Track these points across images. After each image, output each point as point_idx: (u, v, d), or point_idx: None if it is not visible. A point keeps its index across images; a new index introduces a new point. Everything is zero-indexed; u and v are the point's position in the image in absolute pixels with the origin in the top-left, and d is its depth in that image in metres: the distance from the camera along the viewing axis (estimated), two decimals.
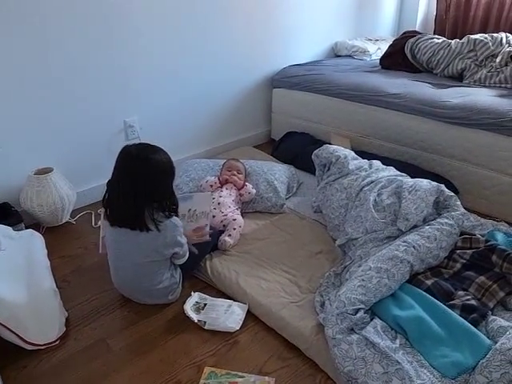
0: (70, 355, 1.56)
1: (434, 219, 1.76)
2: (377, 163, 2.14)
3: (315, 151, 2.22)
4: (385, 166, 2.12)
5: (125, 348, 1.59)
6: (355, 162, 2.12)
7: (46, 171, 2.19)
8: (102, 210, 1.75)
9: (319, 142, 2.85)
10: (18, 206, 2.18)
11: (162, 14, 2.44)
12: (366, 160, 2.17)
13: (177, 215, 1.72)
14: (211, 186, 2.29)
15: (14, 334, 1.49)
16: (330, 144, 2.77)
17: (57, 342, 1.59)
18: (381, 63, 3.16)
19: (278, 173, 2.46)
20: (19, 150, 2.18)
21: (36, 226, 2.24)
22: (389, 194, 1.88)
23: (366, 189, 1.95)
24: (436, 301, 1.50)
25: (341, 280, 1.74)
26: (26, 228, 2.14)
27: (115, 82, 2.39)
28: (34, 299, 1.62)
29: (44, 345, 1.56)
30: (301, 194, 2.50)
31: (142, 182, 1.56)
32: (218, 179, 2.30)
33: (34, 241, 2.03)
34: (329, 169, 2.17)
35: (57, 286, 1.79)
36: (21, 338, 1.51)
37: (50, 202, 2.14)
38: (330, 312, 1.50)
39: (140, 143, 1.66)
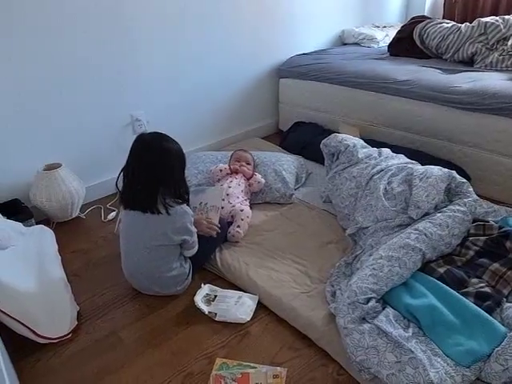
0: (82, 348, 1.57)
1: (446, 206, 1.73)
2: (386, 151, 2.11)
3: (323, 140, 2.19)
4: (395, 154, 2.09)
5: (136, 340, 1.59)
6: (364, 150, 2.09)
7: (54, 167, 2.19)
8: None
9: (327, 132, 2.82)
10: (28, 202, 2.19)
11: (165, 7, 2.42)
12: (375, 148, 2.14)
13: (188, 203, 1.74)
14: (221, 170, 2.28)
15: (27, 327, 1.50)
16: (338, 133, 2.75)
17: (69, 336, 1.60)
18: (389, 50, 3.11)
19: (287, 163, 2.44)
20: (28, 146, 2.19)
21: (46, 221, 2.25)
22: (399, 181, 1.85)
23: (375, 177, 1.92)
24: (449, 289, 1.47)
25: (352, 269, 1.72)
26: (37, 224, 2.15)
27: (121, 76, 2.39)
28: (46, 293, 1.63)
29: (56, 338, 1.57)
30: (310, 184, 2.48)
31: (154, 168, 1.61)
32: (229, 166, 2.29)
33: (45, 236, 2.04)
34: (338, 158, 2.14)
35: (68, 280, 1.80)
36: (33, 332, 1.52)
37: (60, 197, 2.15)
38: (341, 301, 1.48)
39: (154, 132, 1.72)
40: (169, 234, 1.64)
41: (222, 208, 2.06)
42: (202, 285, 1.77)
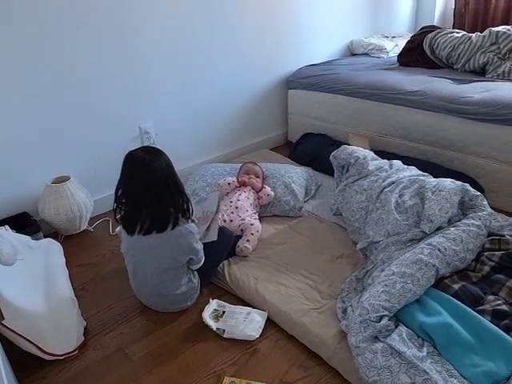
0: (88, 365, 1.54)
1: (460, 220, 1.68)
2: (397, 163, 2.07)
3: (333, 153, 2.16)
4: (406, 166, 2.05)
5: (144, 357, 1.56)
6: (375, 162, 2.05)
7: (63, 180, 2.19)
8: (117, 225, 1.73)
9: (337, 143, 2.80)
10: (36, 215, 2.19)
11: (174, 18, 2.43)
12: (386, 160, 2.11)
13: (193, 221, 1.71)
14: (229, 184, 2.25)
15: (33, 344, 1.49)
16: (348, 145, 2.72)
17: (75, 352, 1.58)
18: (398, 60, 3.08)
19: (296, 175, 2.41)
20: (36, 159, 2.19)
21: (54, 234, 2.25)
22: (411, 194, 1.81)
23: (386, 190, 1.88)
24: (464, 306, 1.43)
25: (363, 285, 1.68)
26: (45, 237, 2.15)
27: (130, 89, 2.39)
28: (53, 309, 1.62)
29: (63, 355, 1.55)
30: (319, 197, 2.45)
31: (160, 187, 1.54)
32: (237, 179, 2.27)
33: (53, 250, 2.04)
34: (347, 170, 2.11)
35: (75, 295, 1.78)
36: (40, 349, 1.50)
37: (68, 210, 2.14)
38: (352, 319, 1.44)
39: (143, 147, 1.64)
40: (176, 256, 1.62)
41: (232, 221, 2.04)
42: (210, 300, 1.74)
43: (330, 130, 2.95)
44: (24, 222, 2.14)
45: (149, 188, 1.53)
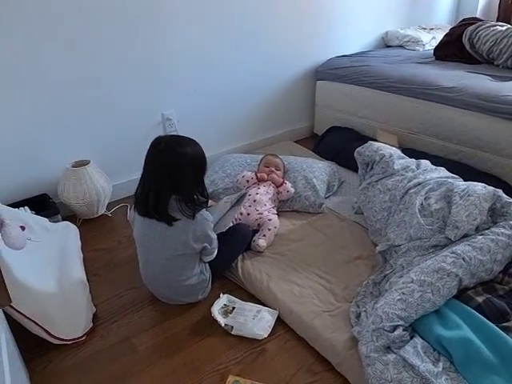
0: (95, 352, 1.54)
1: (489, 228, 1.57)
2: (425, 163, 1.96)
3: (358, 149, 2.07)
4: (434, 167, 1.94)
5: (149, 348, 1.55)
6: (401, 161, 1.95)
7: (83, 164, 2.19)
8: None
9: (364, 138, 2.70)
10: (55, 197, 2.20)
11: (201, 6, 2.37)
12: (413, 159, 2.00)
13: (207, 208, 1.67)
14: (247, 181, 2.20)
15: (42, 328, 1.49)
16: (375, 140, 2.62)
17: (83, 338, 1.58)
18: (435, 54, 2.93)
19: (318, 170, 2.33)
20: (58, 142, 2.19)
21: (72, 217, 2.25)
22: (437, 197, 1.71)
23: (411, 191, 1.78)
24: (487, 321, 1.33)
25: (380, 290, 1.60)
26: (63, 220, 2.16)
27: (153, 75, 2.36)
28: (64, 293, 1.61)
29: (70, 340, 1.55)
30: (342, 193, 2.37)
31: (166, 173, 1.52)
32: (256, 175, 2.21)
33: (69, 233, 2.05)
34: (372, 168, 2.02)
35: (88, 280, 1.78)
36: (48, 333, 1.50)
37: (86, 194, 2.14)
38: (365, 326, 1.37)
39: (172, 135, 1.64)
40: (190, 242, 1.57)
41: (249, 215, 1.99)
42: (221, 294, 1.70)
43: (358, 125, 2.85)
44: (43, 204, 2.15)
45: (173, 171, 1.51)
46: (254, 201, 2.07)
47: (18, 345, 1.48)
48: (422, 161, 1.98)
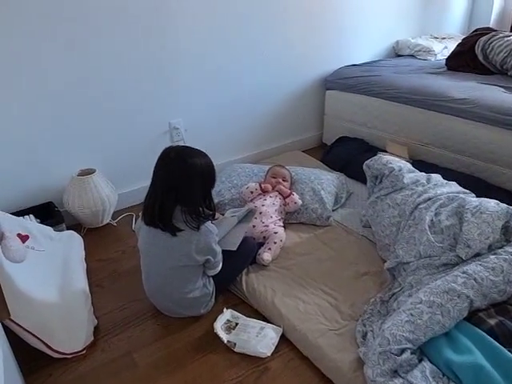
0: (95, 367, 1.51)
1: (502, 247, 1.52)
2: (436, 177, 1.91)
3: (367, 162, 2.03)
4: (445, 181, 1.89)
5: (150, 364, 1.51)
6: (411, 175, 1.90)
7: (88, 172, 2.18)
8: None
9: (374, 149, 2.67)
10: (61, 206, 2.19)
11: (208, 15, 2.35)
12: (423, 173, 1.95)
13: (213, 220, 1.65)
14: (251, 192, 2.17)
15: (41, 341, 1.47)
16: (385, 151, 2.58)
17: (83, 352, 1.55)
18: (447, 64, 2.89)
19: (326, 182, 2.29)
20: (64, 150, 2.18)
21: (78, 226, 2.24)
22: (448, 214, 1.66)
23: (421, 206, 1.74)
24: (500, 345, 1.27)
25: (387, 309, 1.55)
26: (68, 228, 2.15)
27: (161, 84, 2.34)
28: (65, 305, 1.59)
29: (70, 354, 1.53)
30: (350, 206, 2.32)
31: (174, 183, 1.51)
32: (260, 186, 2.18)
33: (73, 242, 2.03)
34: (381, 181, 1.97)
35: (90, 291, 1.77)
36: (47, 346, 1.48)
37: (91, 203, 2.13)
38: (371, 348, 1.33)
39: (183, 145, 1.62)
40: (192, 254, 1.55)
41: (254, 227, 1.96)
42: (225, 309, 1.67)
43: (367, 135, 2.80)
44: (49, 212, 2.14)
45: (180, 182, 1.51)
46: (260, 213, 2.04)
47: (17, 357, 1.46)
48: (432, 175, 1.93)
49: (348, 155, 2.68)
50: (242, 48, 2.55)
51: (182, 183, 1.51)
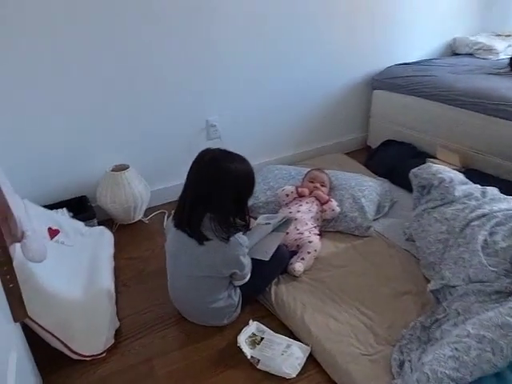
0: (113, 372, 1.46)
1: None
2: (493, 191, 1.72)
3: (414, 170, 1.87)
4: (503, 196, 1.69)
5: (169, 375, 1.45)
6: (463, 187, 1.72)
7: (122, 168, 2.15)
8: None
9: (422, 155, 2.49)
10: (94, 200, 2.17)
11: (251, 11, 2.24)
12: (477, 186, 1.76)
13: (246, 231, 1.55)
14: (287, 195, 2.06)
15: (61, 342, 1.44)
16: (435, 158, 2.39)
17: (103, 355, 1.51)
18: (510, 64, 2.63)
19: (368, 189, 2.14)
20: (101, 145, 2.16)
21: (109, 222, 2.22)
22: (505, 234, 1.47)
23: (474, 224, 1.56)
24: None
25: (429, 336, 1.40)
26: (100, 223, 2.13)
27: (199, 80, 2.27)
28: (88, 306, 1.56)
29: (90, 356, 1.49)
30: (393, 215, 2.16)
31: (205, 188, 1.42)
32: (296, 189, 2.06)
33: (103, 239, 2.01)
34: (429, 192, 1.81)
35: (116, 291, 1.74)
36: (67, 347, 1.45)
37: (123, 199, 2.10)
38: (408, 382, 1.19)
39: (221, 149, 1.49)
40: (217, 266, 1.47)
41: (287, 233, 1.85)
42: (250, 321, 1.57)
43: (416, 140, 2.61)
44: (81, 207, 2.13)
45: (212, 189, 1.41)
46: (295, 219, 1.92)
47: (38, 355, 1.43)
48: (488, 188, 1.74)
49: (394, 160, 2.51)
50: (285, 45, 2.42)
51: (214, 190, 1.41)
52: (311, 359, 1.45)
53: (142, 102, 2.17)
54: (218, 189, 1.42)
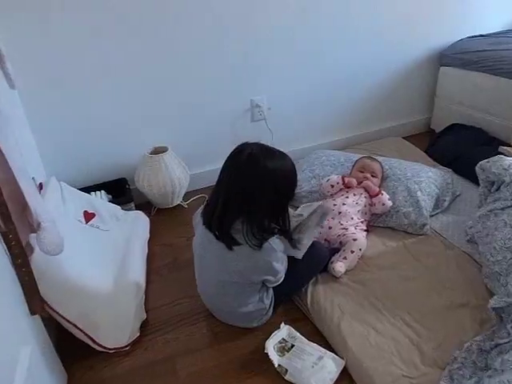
0: (134, 367, 1.41)
1: None
2: None
3: (482, 162, 1.61)
4: None
5: (191, 376, 1.37)
6: None
7: (161, 150, 2.07)
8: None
9: (494, 142, 2.20)
10: (132, 183, 2.12)
11: None
12: None
13: (286, 234, 1.39)
14: (332, 186, 1.88)
15: (85, 334, 1.40)
16: (508, 145, 2.08)
17: (127, 348, 1.46)
18: None
19: (426, 181, 1.90)
20: (141, 126, 2.08)
21: (148, 205, 2.17)
22: None
23: None
24: None
25: (487, 362, 1.19)
26: (139, 207, 2.10)
27: (246, 59, 2.11)
28: (114, 297, 1.52)
29: (113, 349, 1.44)
30: (454, 212, 1.91)
31: (240, 187, 1.27)
32: (343, 180, 1.87)
33: (139, 225, 1.97)
34: (498, 189, 1.55)
35: (148, 280, 1.70)
36: (90, 339, 1.41)
37: (160, 184, 2.02)
38: None
39: (261, 144, 1.32)
40: (247, 274, 1.34)
41: (330, 228, 1.69)
42: (282, 325, 1.44)
43: (488, 124, 2.30)
44: (120, 190, 2.09)
45: (247, 189, 1.26)
46: (339, 213, 1.75)
47: (63, 345, 1.41)
48: None
49: (460, 147, 2.24)
50: (339, 18, 2.19)
51: (250, 188, 1.26)
52: (345, 373, 1.31)
53: (182, 81, 2.05)
54: (255, 189, 1.26)
